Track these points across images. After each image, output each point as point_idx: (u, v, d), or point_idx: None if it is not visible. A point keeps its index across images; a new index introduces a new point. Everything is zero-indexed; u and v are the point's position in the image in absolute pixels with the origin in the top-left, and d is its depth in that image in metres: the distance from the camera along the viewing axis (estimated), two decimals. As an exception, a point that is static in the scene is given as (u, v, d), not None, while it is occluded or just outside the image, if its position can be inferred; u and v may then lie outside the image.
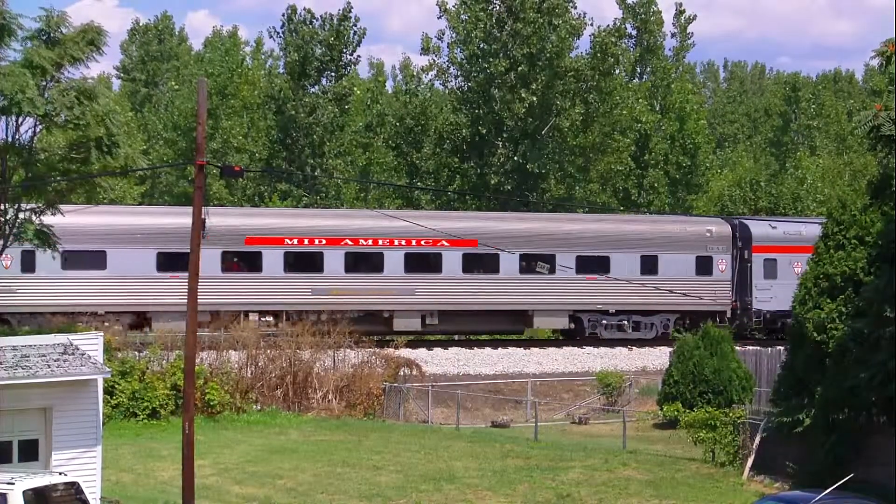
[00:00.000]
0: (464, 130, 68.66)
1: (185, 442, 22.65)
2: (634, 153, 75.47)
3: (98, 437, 23.31)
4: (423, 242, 46.58)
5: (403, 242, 46.52)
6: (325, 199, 69.03)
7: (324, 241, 45.84)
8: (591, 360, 46.03)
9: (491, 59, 66.51)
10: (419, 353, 44.59)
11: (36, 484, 20.04)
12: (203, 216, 44.51)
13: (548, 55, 66.67)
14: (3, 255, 39.62)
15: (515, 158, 66.86)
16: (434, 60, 69.91)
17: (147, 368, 37.13)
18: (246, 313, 44.76)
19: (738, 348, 39.84)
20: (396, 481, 28.64)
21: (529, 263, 47.89)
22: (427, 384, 41.48)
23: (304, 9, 70.82)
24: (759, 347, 43.08)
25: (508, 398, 42.25)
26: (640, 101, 76.45)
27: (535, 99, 66.44)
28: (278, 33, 71.60)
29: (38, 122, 35.36)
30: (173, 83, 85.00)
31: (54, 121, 35.10)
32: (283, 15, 70.88)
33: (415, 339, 46.80)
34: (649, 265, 48.42)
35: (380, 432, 35.98)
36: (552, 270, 47.81)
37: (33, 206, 36.62)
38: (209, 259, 42.43)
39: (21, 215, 36.17)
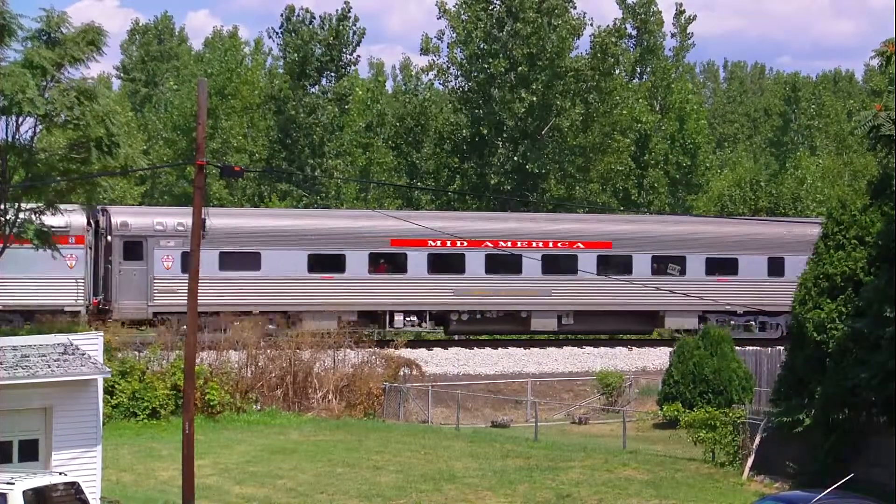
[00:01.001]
0: (464, 130, 68.68)
1: (185, 442, 22.66)
2: (634, 153, 75.45)
3: (98, 436, 23.31)
4: (559, 244, 47.67)
5: (541, 244, 47.48)
6: (325, 200, 69.02)
7: (465, 244, 46.45)
8: (591, 360, 46.02)
9: (491, 60, 66.51)
10: (419, 353, 44.60)
11: (36, 484, 20.03)
12: (353, 219, 46.27)
13: (548, 55, 66.67)
14: (165, 256, 42.75)
15: (515, 158, 66.87)
16: (434, 60, 69.96)
17: (147, 368, 37.14)
18: (391, 313, 46.13)
19: (737, 348, 39.85)
20: (396, 481, 28.64)
21: (661, 265, 48.61)
22: (427, 384, 41.49)
23: (303, 8, 70.86)
24: (758, 347, 43.10)
25: (508, 398, 42.24)
26: (641, 101, 76.46)
27: (535, 99, 66.45)
28: (277, 33, 71.61)
29: (38, 122, 35.38)
30: (173, 83, 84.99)
31: (54, 121, 35.13)
32: (282, 15, 70.89)
33: (415, 338, 46.90)
34: (776, 267, 48.95)
35: (380, 432, 35.98)
36: (682, 272, 48.61)
37: (33, 206, 36.62)
38: (358, 261, 45.23)
39: (21, 215, 36.15)
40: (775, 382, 30.79)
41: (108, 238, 43.75)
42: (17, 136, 35.61)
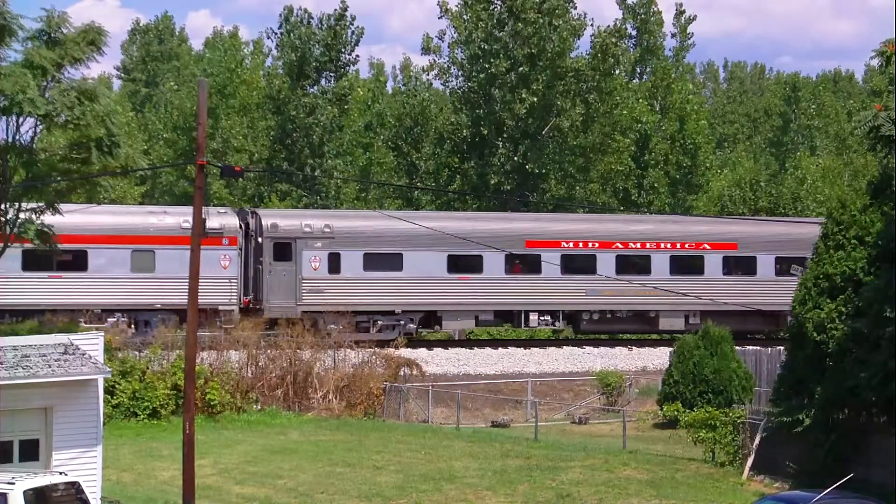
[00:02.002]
0: (464, 130, 68.68)
1: (185, 442, 22.67)
2: (634, 153, 75.45)
3: (98, 436, 23.32)
4: (687, 246, 48.77)
5: (669, 246, 48.61)
6: (325, 200, 69.01)
7: (597, 245, 47.81)
8: (591, 360, 46.04)
9: (492, 60, 66.50)
10: (419, 353, 44.63)
11: (36, 484, 20.04)
12: (490, 221, 47.78)
13: (549, 56, 66.66)
14: (313, 257, 45.01)
15: (516, 159, 66.87)
16: (435, 60, 69.95)
17: (147, 368, 37.15)
18: (526, 313, 47.32)
19: (737, 348, 39.86)
20: (396, 481, 28.65)
21: (783, 266, 49.06)
22: (427, 384, 41.50)
23: (301, 9, 70.81)
24: (759, 347, 43.11)
25: (508, 398, 42.25)
26: (641, 101, 76.47)
27: (535, 99, 66.44)
28: (276, 34, 71.54)
29: (38, 123, 35.37)
30: (173, 83, 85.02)
31: (55, 121, 35.11)
32: (280, 16, 70.81)
33: (415, 338, 46.94)
34: None
35: (380, 432, 35.99)
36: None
37: (33, 205, 36.62)
38: (495, 262, 46.55)
39: (22, 215, 36.15)
40: (775, 382, 30.78)
41: (259, 240, 45.53)
42: (17, 136, 35.59)
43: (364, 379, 40.91)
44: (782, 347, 34.06)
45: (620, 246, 48.02)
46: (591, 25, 69.91)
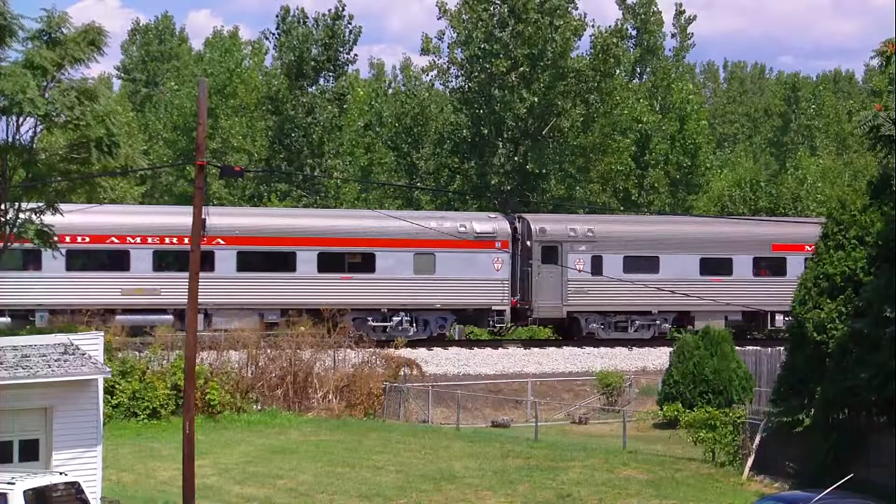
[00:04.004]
0: (464, 130, 68.65)
1: (185, 442, 22.67)
2: (635, 153, 75.43)
3: (98, 436, 23.32)
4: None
5: None
6: (325, 200, 68.99)
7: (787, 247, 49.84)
8: (591, 360, 46.04)
9: (492, 60, 66.48)
10: (419, 353, 44.62)
11: (36, 484, 20.04)
12: (738, 225, 50.56)
13: (550, 56, 66.63)
14: (577, 260, 47.79)
15: (516, 159, 66.85)
16: (434, 61, 69.91)
17: (147, 368, 37.15)
18: (773, 314, 49.39)
19: (737, 348, 39.87)
20: (396, 481, 28.65)
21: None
22: (427, 384, 41.50)
23: (298, 8, 70.78)
24: (759, 347, 43.13)
25: (508, 398, 42.25)
26: (641, 101, 76.43)
27: (535, 99, 66.41)
28: (273, 35, 71.41)
29: (38, 123, 35.37)
30: (173, 83, 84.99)
31: (55, 121, 35.11)
32: (277, 16, 70.70)
33: (415, 339, 46.94)
34: None
35: (380, 432, 35.99)
36: None
37: (33, 205, 36.62)
38: (743, 264, 49.52)
39: (22, 215, 36.15)
40: (775, 382, 30.79)
41: (528, 243, 48.35)
42: (17, 136, 35.59)
43: (364, 379, 40.91)
44: (782, 347, 34.06)
45: (809, 248, 49.36)
46: (592, 26, 69.95)
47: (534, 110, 67.15)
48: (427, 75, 72.82)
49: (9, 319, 41.94)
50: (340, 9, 70.05)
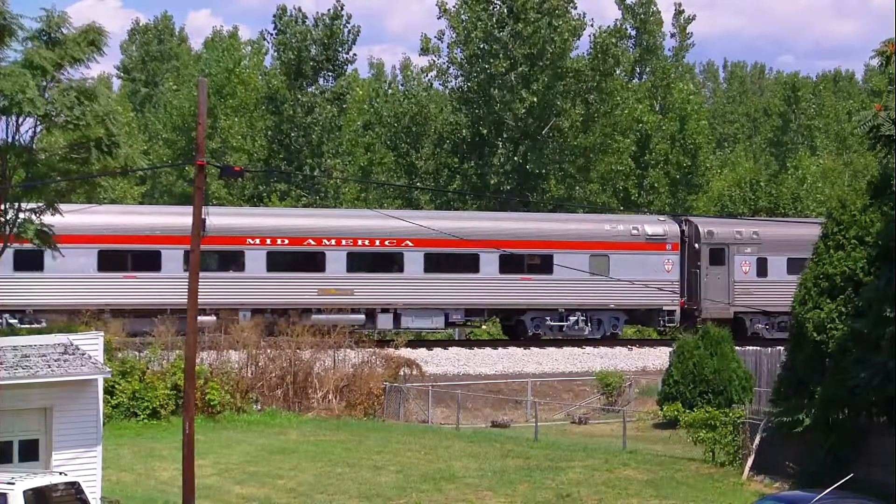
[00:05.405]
0: (464, 130, 68.66)
1: (185, 442, 22.65)
2: (635, 153, 75.44)
3: (98, 436, 23.32)
4: None
5: None
6: (325, 200, 68.98)
7: None
8: (591, 360, 46.04)
9: (491, 60, 66.49)
10: (419, 353, 44.62)
11: (36, 484, 20.03)
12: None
13: (549, 56, 66.64)
14: (743, 262, 49.21)
15: (516, 159, 66.85)
16: (434, 61, 69.92)
17: (147, 368, 37.14)
18: None
19: (737, 348, 39.86)
20: (396, 481, 28.64)
21: None
22: (427, 384, 41.49)
23: (296, 8, 70.68)
24: (759, 347, 43.12)
25: (508, 398, 42.25)
26: (642, 101, 76.44)
27: (535, 99, 66.42)
28: (271, 34, 71.36)
29: (38, 123, 35.31)
30: (172, 83, 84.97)
31: (54, 121, 35.06)
32: (274, 16, 70.59)
33: (415, 338, 46.99)
34: None
35: (380, 432, 35.98)
36: None
37: (33, 205, 36.58)
38: None
39: (21, 215, 36.11)
40: (775, 382, 30.78)
41: (696, 245, 49.74)
42: (17, 136, 35.54)
43: (364, 379, 40.91)
44: (782, 347, 34.05)
45: None
46: (591, 26, 69.99)
47: (533, 110, 67.16)
48: (426, 75, 72.89)
49: (214, 318, 43.10)
50: (339, 8, 70.06)
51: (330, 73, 70.60)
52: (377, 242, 46.03)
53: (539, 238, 48.06)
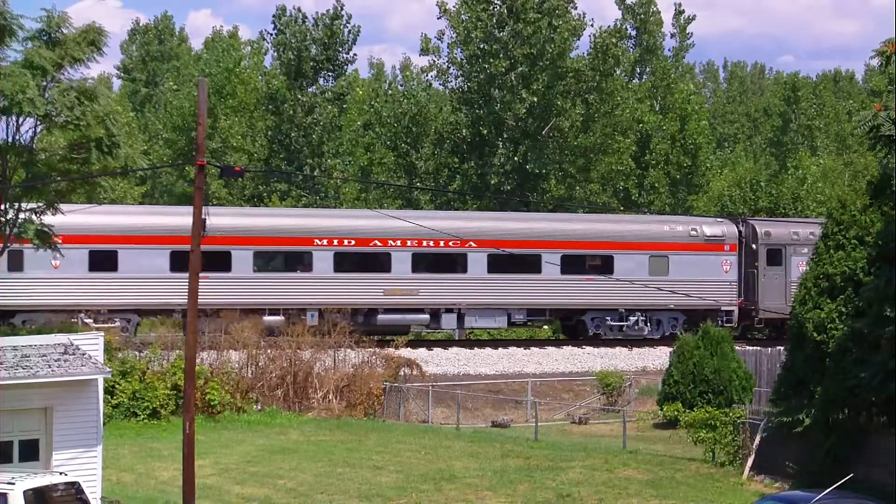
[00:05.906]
0: (464, 130, 68.64)
1: (185, 442, 22.66)
2: (635, 153, 75.43)
3: (98, 436, 23.31)
4: None
5: None
6: (325, 200, 68.98)
7: None
8: (591, 360, 46.03)
9: (491, 60, 66.49)
10: (419, 353, 44.62)
11: (36, 484, 20.02)
12: None
13: (549, 56, 66.64)
14: (800, 263, 46.76)
15: (516, 159, 66.85)
16: (434, 61, 69.91)
17: (147, 368, 37.13)
18: None
19: (737, 348, 39.86)
20: (396, 481, 28.64)
21: None
22: (427, 384, 41.49)
23: (295, 8, 70.71)
24: (759, 347, 43.13)
25: (508, 398, 42.25)
26: (642, 101, 76.44)
27: (535, 99, 66.42)
28: (271, 34, 71.33)
29: (38, 123, 35.32)
30: (172, 83, 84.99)
31: (55, 121, 35.06)
32: (273, 16, 70.57)
33: (415, 338, 47.01)
34: None
35: (380, 432, 35.98)
36: None
37: (33, 205, 36.58)
38: None
39: (21, 215, 36.11)
40: (775, 382, 30.78)
41: (753, 246, 50.06)
42: (17, 136, 35.55)
43: (364, 379, 40.90)
44: (782, 347, 34.04)
45: None
46: (591, 26, 70.00)
47: (533, 110, 67.15)
48: (426, 75, 72.86)
49: (282, 318, 43.80)
50: (339, 8, 70.06)
51: (330, 74, 70.59)
52: (441, 243, 46.27)
53: (599, 239, 48.61)
